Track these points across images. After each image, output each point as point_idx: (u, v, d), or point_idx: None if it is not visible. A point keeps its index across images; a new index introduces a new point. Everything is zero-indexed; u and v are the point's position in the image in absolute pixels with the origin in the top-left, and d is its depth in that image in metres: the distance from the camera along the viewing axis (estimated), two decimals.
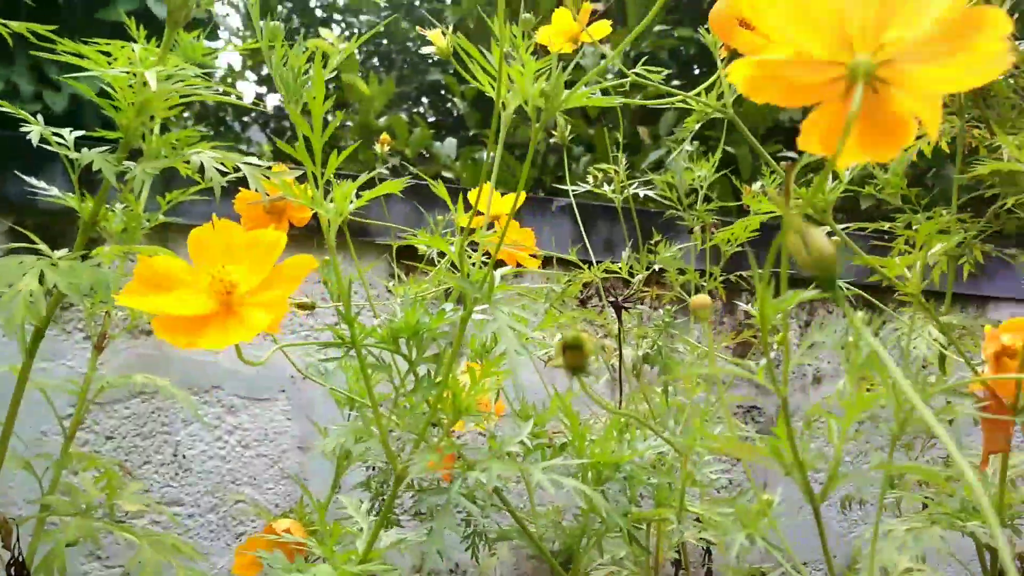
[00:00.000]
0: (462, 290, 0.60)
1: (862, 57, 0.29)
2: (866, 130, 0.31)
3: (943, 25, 0.29)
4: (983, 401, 0.73)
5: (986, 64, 0.29)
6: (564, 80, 0.54)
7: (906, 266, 0.67)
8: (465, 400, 0.64)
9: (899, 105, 0.30)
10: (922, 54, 0.29)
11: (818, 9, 0.29)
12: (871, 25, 0.29)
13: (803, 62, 0.30)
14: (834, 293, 0.30)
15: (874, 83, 0.30)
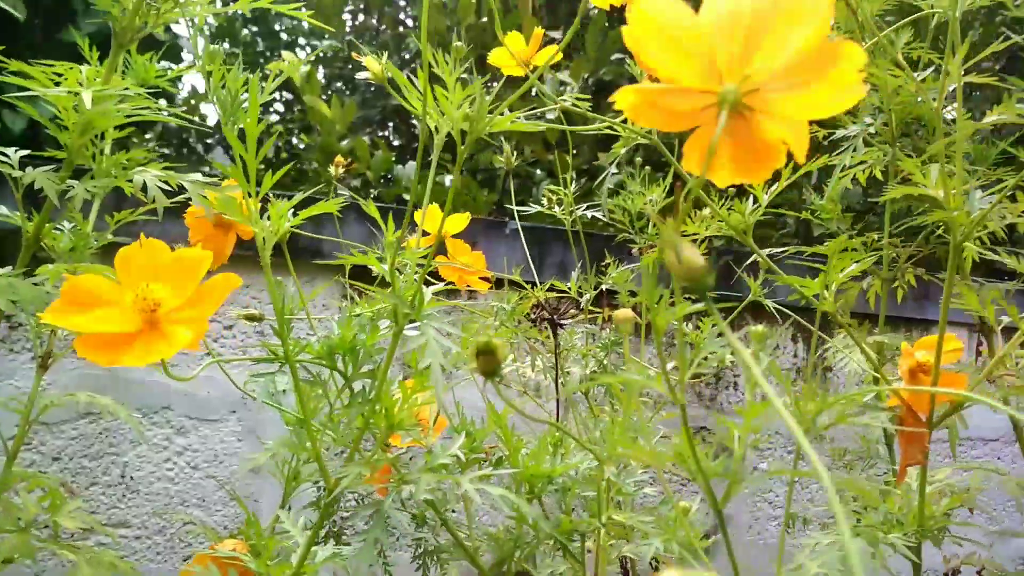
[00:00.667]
0: (393, 306, 0.61)
1: (730, 86, 0.32)
2: (738, 153, 0.33)
3: (804, 57, 0.31)
4: (901, 415, 0.76)
5: (843, 93, 0.32)
6: (488, 105, 0.56)
7: (824, 286, 0.70)
8: (398, 415, 0.65)
9: (766, 131, 0.33)
10: (785, 84, 0.32)
11: (690, 42, 0.32)
12: (738, 57, 0.31)
13: (679, 90, 0.32)
14: (706, 303, 0.32)
15: (742, 110, 0.32)
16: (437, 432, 0.84)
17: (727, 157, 0.33)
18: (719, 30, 0.31)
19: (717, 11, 0.31)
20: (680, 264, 0.31)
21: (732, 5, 0.31)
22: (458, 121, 0.55)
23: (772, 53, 0.31)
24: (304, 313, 0.77)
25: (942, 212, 0.61)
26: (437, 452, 0.67)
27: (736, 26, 0.31)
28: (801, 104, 0.32)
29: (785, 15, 0.31)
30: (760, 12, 0.31)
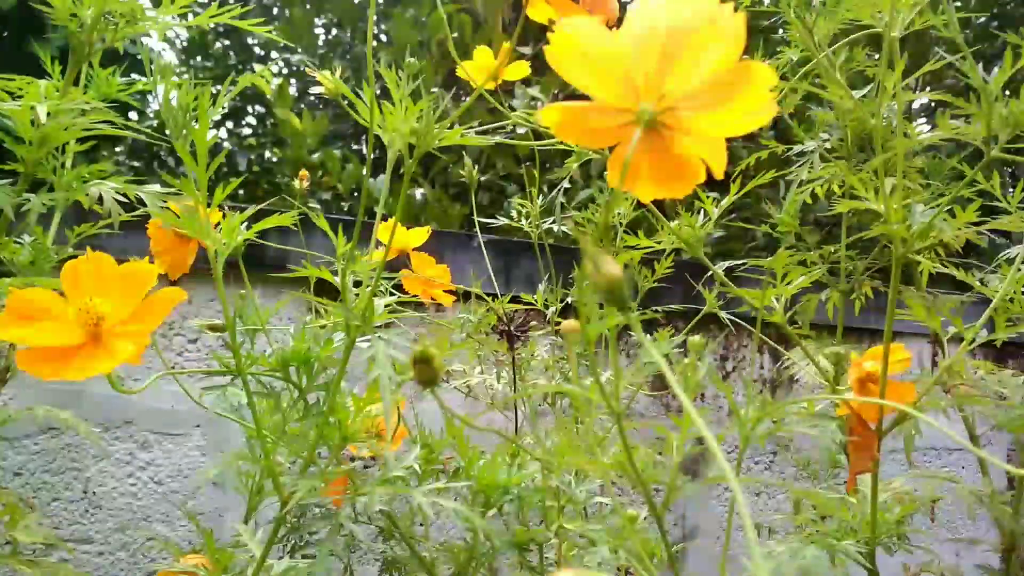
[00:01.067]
0: (346, 319, 0.62)
1: (646, 105, 0.33)
2: (657, 169, 0.34)
3: (717, 77, 0.32)
4: (851, 424, 0.78)
5: (755, 112, 0.33)
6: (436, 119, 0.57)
7: (773, 298, 0.71)
8: (351, 427, 0.66)
9: (684, 148, 0.34)
10: (699, 103, 0.33)
11: (609, 62, 0.33)
12: (653, 77, 0.32)
13: (600, 108, 0.33)
14: (625, 315, 0.33)
15: (659, 128, 0.33)
16: (397, 443, 0.84)
17: (647, 173, 0.34)
18: (636, 51, 0.32)
19: (634, 32, 0.32)
20: (599, 277, 0.32)
21: (648, 27, 0.32)
22: (405, 136, 0.56)
23: (686, 73, 0.32)
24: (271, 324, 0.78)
25: (882, 226, 0.63)
26: (391, 464, 0.67)
27: (651, 47, 0.32)
28: (715, 122, 0.33)
29: (698, 37, 0.32)
30: (674, 34, 0.32)
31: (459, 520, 0.65)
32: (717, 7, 0.32)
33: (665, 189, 0.35)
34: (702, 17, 0.32)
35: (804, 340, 1.28)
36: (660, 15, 0.32)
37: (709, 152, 0.34)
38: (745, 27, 0.32)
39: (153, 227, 0.90)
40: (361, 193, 2.35)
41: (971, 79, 0.56)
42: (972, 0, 2.75)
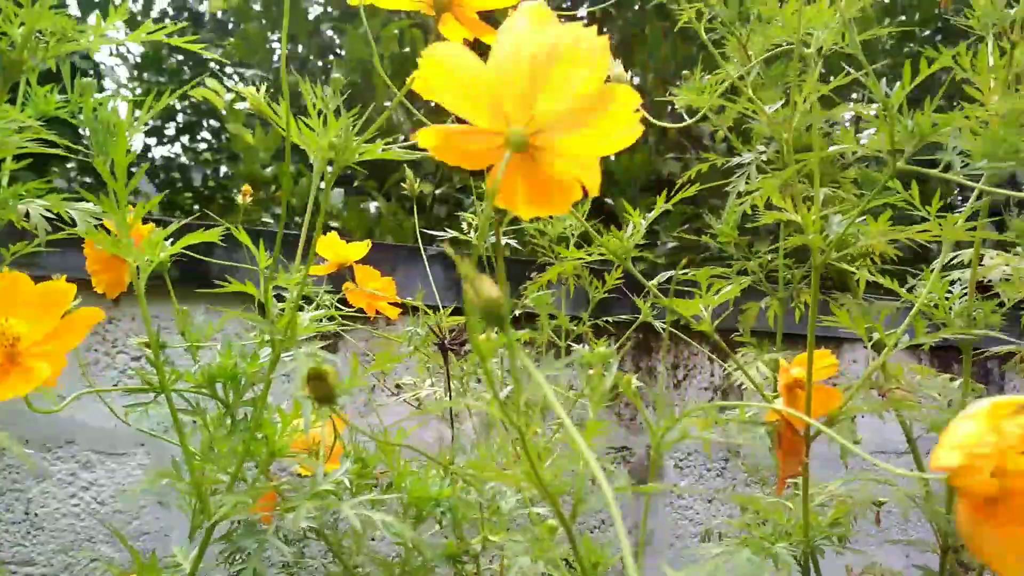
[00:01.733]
0: (269, 334, 0.62)
1: (515, 128, 0.34)
2: (532, 189, 0.35)
3: (582, 100, 0.33)
4: (780, 429, 0.79)
5: (622, 133, 0.34)
6: (355, 134, 0.58)
7: (702, 307, 0.73)
8: (278, 442, 0.66)
9: (557, 168, 0.35)
10: (566, 125, 0.34)
11: (478, 87, 0.34)
12: (521, 101, 0.33)
13: (473, 132, 0.34)
14: (504, 334, 0.34)
15: (531, 150, 0.34)
16: (334, 459, 0.84)
17: (523, 193, 0.35)
18: (504, 75, 0.33)
19: (501, 57, 0.33)
20: (478, 299, 0.33)
21: (514, 52, 0.33)
22: (324, 151, 0.56)
23: (553, 97, 0.33)
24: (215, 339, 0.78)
25: (799, 237, 0.65)
26: (319, 478, 0.67)
27: (518, 71, 0.33)
28: (584, 143, 0.34)
29: (563, 61, 0.33)
30: (539, 58, 0.33)
31: (388, 532, 0.65)
32: (581, 31, 0.33)
33: (541, 207, 0.36)
34: (566, 41, 0.33)
35: (746, 347, 1.30)
36: (526, 40, 0.33)
37: (582, 171, 0.35)
38: (608, 49, 0.33)
39: (89, 246, 0.89)
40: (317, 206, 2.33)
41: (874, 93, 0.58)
42: (916, 14, 2.82)
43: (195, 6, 3.46)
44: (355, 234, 2.25)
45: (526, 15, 0.34)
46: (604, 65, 0.33)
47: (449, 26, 0.52)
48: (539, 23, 0.34)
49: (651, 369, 1.81)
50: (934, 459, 0.36)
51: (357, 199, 2.23)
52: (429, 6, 0.50)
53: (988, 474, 0.34)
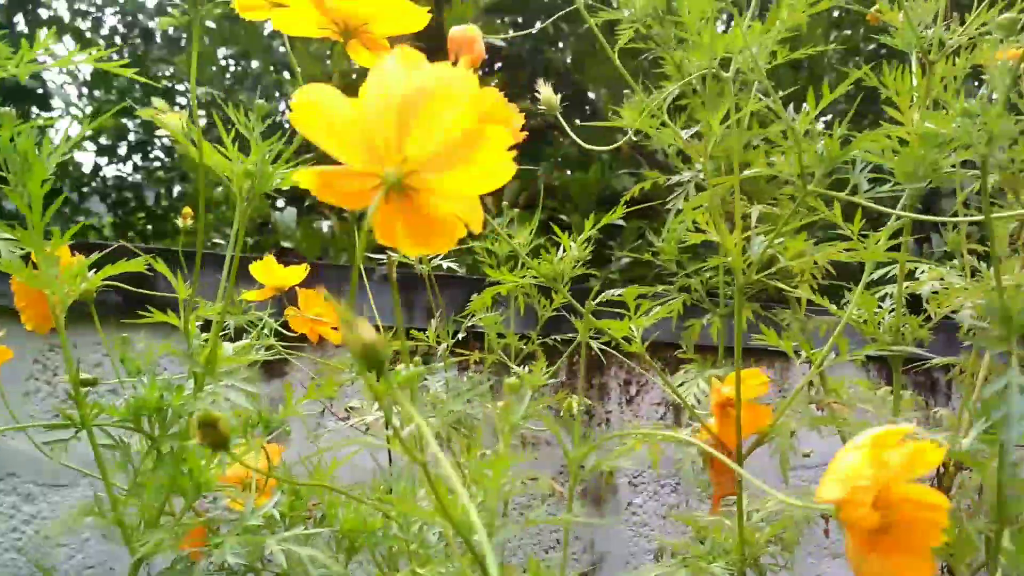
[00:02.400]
0: (189, 366, 0.61)
1: (389, 169, 0.34)
2: (412, 227, 0.35)
3: (455, 140, 0.34)
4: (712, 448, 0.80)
5: (495, 171, 0.34)
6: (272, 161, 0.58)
7: (631, 327, 0.73)
8: (202, 475, 0.65)
9: (435, 207, 0.35)
10: (440, 165, 0.34)
11: (351, 128, 0.34)
12: (393, 142, 0.34)
13: (349, 173, 0.34)
14: (383, 379, 0.34)
15: (406, 190, 0.34)
16: (268, 492, 0.83)
17: (403, 231, 0.35)
18: (376, 116, 0.33)
19: (373, 98, 0.33)
20: (354, 342, 0.33)
21: (385, 93, 0.33)
22: (239, 178, 0.56)
23: (426, 137, 0.33)
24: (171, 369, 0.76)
25: (718, 258, 0.65)
26: (247, 513, 0.66)
27: (390, 112, 0.33)
28: (458, 182, 0.34)
29: (434, 102, 0.33)
30: (410, 99, 0.33)
31: (314, 567, 0.64)
32: (452, 72, 0.34)
33: (423, 245, 0.36)
34: (437, 82, 0.33)
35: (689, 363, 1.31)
36: (397, 81, 0.33)
37: (462, 210, 0.35)
38: (478, 92, 0.34)
39: (14, 281, 0.88)
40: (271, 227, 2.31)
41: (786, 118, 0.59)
42: (862, 29, 2.88)
43: (146, 23, 3.43)
44: (308, 254, 2.23)
45: (396, 57, 0.34)
46: (475, 105, 0.34)
47: (358, 52, 0.52)
48: (409, 65, 0.34)
49: (603, 385, 1.81)
50: (820, 491, 0.36)
51: (310, 219, 2.22)
52: (336, 33, 0.50)
53: (868, 507, 0.35)
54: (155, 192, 2.92)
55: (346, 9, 0.48)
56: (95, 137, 2.96)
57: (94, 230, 3.19)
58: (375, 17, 0.49)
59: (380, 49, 0.51)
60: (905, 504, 0.37)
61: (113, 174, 3.11)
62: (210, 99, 2.94)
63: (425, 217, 0.35)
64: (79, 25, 3.33)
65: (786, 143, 0.57)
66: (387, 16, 0.49)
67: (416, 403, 0.98)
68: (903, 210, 0.76)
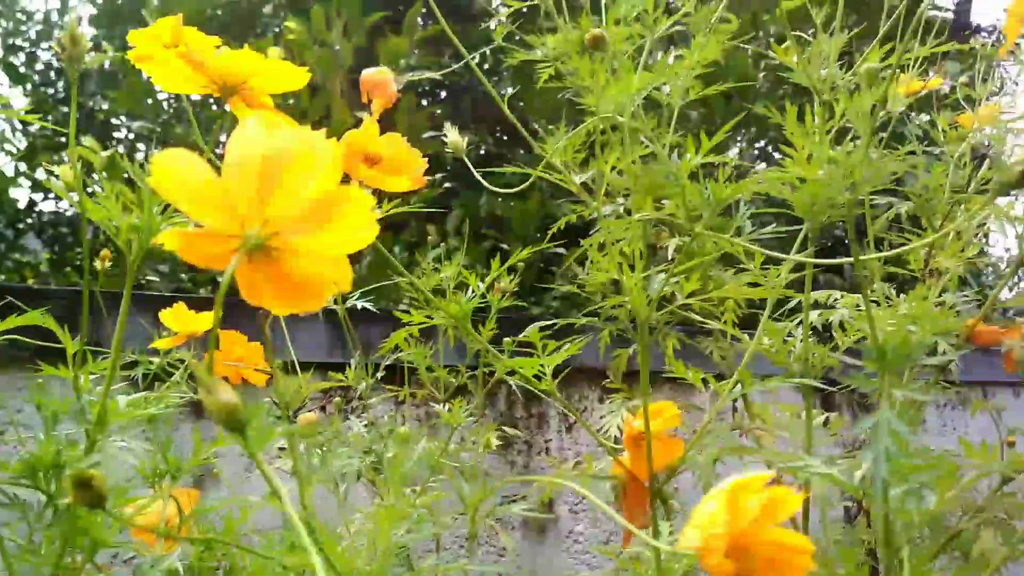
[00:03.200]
0: (79, 421, 0.60)
1: (250, 232, 0.34)
2: (279, 288, 0.36)
3: (317, 202, 0.34)
4: (624, 481, 0.81)
5: (358, 232, 0.35)
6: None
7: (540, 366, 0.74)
8: (98, 531, 0.63)
9: (300, 268, 0.35)
10: (302, 227, 0.34)
11: (211, 191, 0.34)
12: (254, 203, 0.34)
13: (212, 235, 0.34)
14: (244, 441, 0.34)
15: (269, 251, 0.35)
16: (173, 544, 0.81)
17: (269, 291, 0.36)
18: (237, 179, 0.34)
19: (233, 161, 0.34)
20: (213, 405, 0.33)
21: (245, 156, 0.34)
22: (124, 232, 0.55)
23: (287, 199, 0.34)
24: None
25: (615, 298, 0.67)
26: (146, 567, 0.65)
27: (250, 175, 0.34)
28: (322, 244, 0.34)
29: (295, 164, 0.34)
30: (271, 162, 0.34)
31: None
32: (311, 135, 0.34)
33: (292, 305, 0.36)
34: (297, 145, 0.34)
35: (615, 392, 1.32)
36: (257, 143, 0.34)
37: (329, 269, 0.36)
38: (339, 156, 0.34)
39: None
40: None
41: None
42: None
43: None
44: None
45: (257, 120, 0.34)
46: (336, 168, 0.34)
47: (240, 108, 0.52)
48: (270, 128, 0.34)
49: (542, 415, 1.82)
50: (682, 538, 0.37)
51: None
52: (216, 90, 0.50)
53: (722, 554, 0.35)
54: (93, 228, 2.87)
55: (222, 69, 0.48)
56: (30, 172, 2.90)
57: (30, 267, 3.12)
58: (253, 76, 0.49)
59: (261, 106, 0.52)
60: (766, 549, 0.38)
61: (50, 209, 3.05)
62: (146, 134, 2.90)
63: (290, 277, 0.35)
64: (12, 60, 3.27)
65: (670, 187, 0.59)
66: (265, 75, 0.49)
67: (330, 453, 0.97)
68: (806, 240, 0.79)
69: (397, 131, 2.17)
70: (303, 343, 1.55)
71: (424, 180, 0.65)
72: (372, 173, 0.65)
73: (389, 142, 0.64)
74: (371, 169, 0.62)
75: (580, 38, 0.91)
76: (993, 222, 1.15)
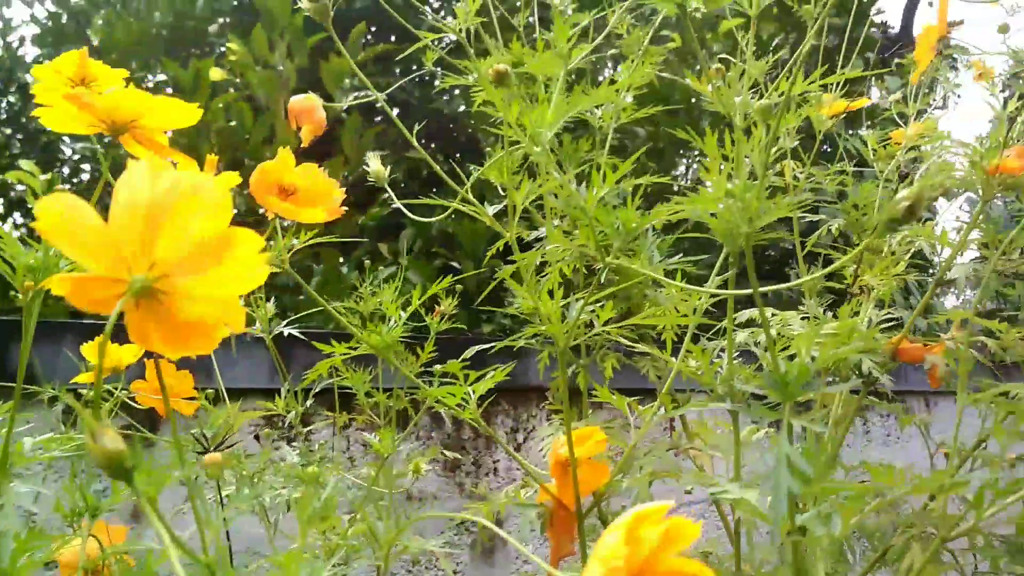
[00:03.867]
0: None
1: (136, 275, 0.34)
2: (169, 331, 0.36)
3: (205, 244, 0.34)
4: (552, 509, 0.81)
5: (248, 274, 0.35)
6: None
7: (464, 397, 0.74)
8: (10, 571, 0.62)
9: (189, 310, 0.35)
10: (190, 269, 0.34)
11: (95, 236, 0.34)
12: (141, 247, 0.34)
13: (99, 279, 0.34)
14: (129, 484, 0.34)
15: (157, 295, 0.35)
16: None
17: (159, 334, 0.35)
18: (123, 223, 0.34)
19: (120, 205, 0.34)
20: (98, 452, 0.33)
21: (132, 200, 0.34)
22: (20, 273, 0.54)
23: (174, 242, 0.34)
24: None
25: (533, 328, 0.67)
26: None
27: (136, 218, 0.33)
28: (211, 286, 0.35)
29: (182, 207, 0.34)
30: (158, 205, 0.34)
31: None
32: (198, 177, 0.34)
33: (183, 348, 0.36)
34: (184, 187, 0.34)
35: (556, 415, 1.33)
36: (144, 187, 0.34)
37: (221, 311, 0.36)
38: (228, 197, 0.34)
39: None
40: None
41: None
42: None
43: (24, 78, 3.31)
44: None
45: (143, 165, 0.34)
46: (225, 210, 0.34)
47: (132, 146, 0.52)
48: (156, 171, 0.34)
49: (489, 435, 1.82)
50: (584, 571, 0.38)
51: None
52: (106, 129, 0.50)
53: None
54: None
55: (111, 108, 0.48)
56: None
57: None
58: (142, 114, 0.49)
59: (154, 145, 0.51)
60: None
61: None
62: (89, 155, 2.85)
63: (179, 320, 0.35)
64: None
65: (580, 215, 0.60)
66: (155, 113, 0.49)
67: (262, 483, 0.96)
68: (727, 263, 0.80)
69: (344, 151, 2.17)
70: (244, 368, 1.54)
71: (341, 211, 0.65)
72: (286, 205, 0.64)
73: (305, 173, 0.64)
74: (285, 201, 0.62)
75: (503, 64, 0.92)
76: (922, 242, 1.18)
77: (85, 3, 3.11)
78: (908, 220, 0.44)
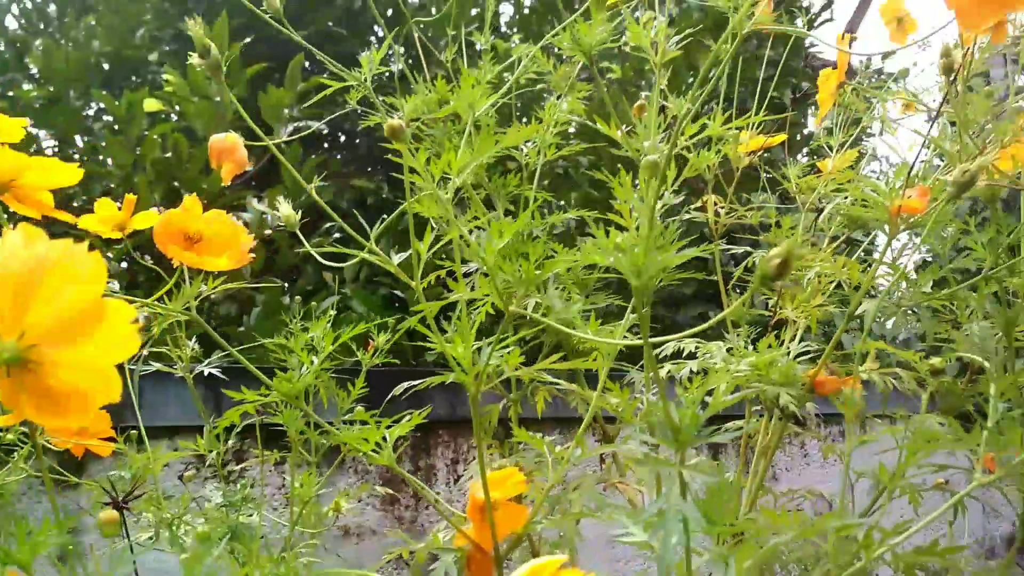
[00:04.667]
0: None
1: (6, 344, 0.34)
2: (40, 399, 0.36)
3: (76, 314, 0.34)
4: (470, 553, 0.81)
5: (120, 344, 0.35)
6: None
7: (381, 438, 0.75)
8: None
9: (61, 379, 0.35)
10: (61, 338, 0.34)
11: None
12: (11, 315, 0.34)
13: None
14: (6, 554, 0.34)
15: (28, 364, 0.35)
16: None
17: (31, 403, 0.36)
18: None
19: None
20: None
21: (2, 267, 0.34)
22: None
23: (45, 312, 0.34)
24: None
25: (444, 376, 0.68)
26: None
27: (7, 286, 0.34)
28: (83, 356, 0.35)
29: (54, 277, 0.34)
30: (28, 273, 0.34)
31: None
32: (72, 247, 0.35)
33: (57, 417, 0.36)
34: (56, 256, 0.34)
35: (488, 447, 1.33)
36: (15, 255, 0.34)
37: (95, 379, 0.36)
38: (101, 267, 0.35)
39: None
40: None
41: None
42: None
43: None
44: None
45: (18, 232, 0.35)
46: (98, 280, 0.35)
47: (14, 204, 0.52)
48: (29, 239, 0.35)
49: (431, 467, 1.81)
50: None
51: None
52: None
53: None
54: None
55: None
56: None
57: None
58: (21, 173, 0.49)
59: (35, 204, 0.51)
60: None
61: None
62: None
63: (51, 390, 0.35)
64: None
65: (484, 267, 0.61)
66: (36, 172, 0.49)
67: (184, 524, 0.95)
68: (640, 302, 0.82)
69: (282, 181, 2.15)
70: (171, 405, 1.51)
71: (249, 257, 0.66)
72: (189, 255, 0.65)
73: (211, 219, 0.64)
74: (189, 250, 0.62)
75: (416, 107, 0.94)
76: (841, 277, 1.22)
77: (23, 31, 3.07)
78: (780, 277, 0.45)
